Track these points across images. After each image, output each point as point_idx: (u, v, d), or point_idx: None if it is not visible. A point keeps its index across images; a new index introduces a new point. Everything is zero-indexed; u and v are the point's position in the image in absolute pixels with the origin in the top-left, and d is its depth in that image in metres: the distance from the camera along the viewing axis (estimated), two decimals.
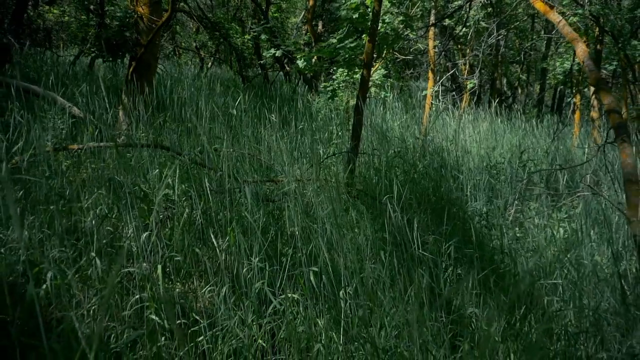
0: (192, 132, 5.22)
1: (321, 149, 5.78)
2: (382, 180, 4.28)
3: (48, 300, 2.23)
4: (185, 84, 7.92)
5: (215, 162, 3.79)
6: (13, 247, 2.69)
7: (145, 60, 6.33)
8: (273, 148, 4.81)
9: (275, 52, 9.24)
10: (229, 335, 2.24)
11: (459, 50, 13.97)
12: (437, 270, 2.81)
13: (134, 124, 5.18)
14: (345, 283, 2.43)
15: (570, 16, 9.42)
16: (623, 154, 2.23)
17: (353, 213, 3.45)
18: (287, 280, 2.54)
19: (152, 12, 6.49)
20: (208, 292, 2.53)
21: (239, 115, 5.83)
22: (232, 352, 2.23)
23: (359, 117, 4.66)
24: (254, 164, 4.53)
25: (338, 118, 7.38)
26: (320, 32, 11.82)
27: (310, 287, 2.44)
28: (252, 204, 3.13)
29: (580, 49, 2.76)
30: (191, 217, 3.14)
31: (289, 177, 3.80)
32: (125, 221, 2.82)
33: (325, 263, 2.44)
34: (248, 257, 2.53)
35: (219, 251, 2.56)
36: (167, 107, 6.54)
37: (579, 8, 9.01)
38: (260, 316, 2.38)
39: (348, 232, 2.91)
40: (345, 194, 4.00)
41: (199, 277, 2.70)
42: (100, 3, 9.48)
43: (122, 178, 3.46)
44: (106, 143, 3.95)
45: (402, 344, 2.18)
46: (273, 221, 3.48)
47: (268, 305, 2.43)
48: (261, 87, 10.05)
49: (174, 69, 11.26)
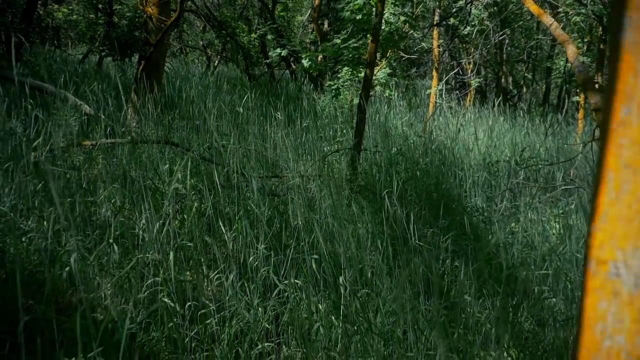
0: (200, 130, 5.39)
1: (326, 147, 5.94)
2: (383, 176, 4.43)
3: (72, 281, 2.40)
4: (193, 82, 8.08)
5: (223, 158, 3.95)
6: (32, 236, 2.87)
7: (154, 59, 6.49)
8: (278, 145, 4.98)
9: (281, 52, 9.39)
10: (236, 318, 2.41)
11: (464, 49, 14.07)
12: (433, 261, 2.96)
13: (143, 122, 5.36)
14: (345, 271, 2.59)
15: (573, 15, 9.54)
16: None
17: (354, 207, 3.60)
18: (291, 268, 2.70)
19: (161, 12, 6.65)
20: (216, 279, 2.70)
21: (245, 113, 5.99)
22: (238, 333, 2.39)
23: (361, 115, 4.82)
24: (260, 160, 4.69)
25: (342, 116, 7.53)
26: (326, 30, 11.93)
27: (312, 275, 2.61)
28: (258, 198, 3.29)
29: (570, 50, 2.90)
30: (200, 209, 3.30)
31: (294, 173, 3.96)
32: (138, 212, 2.99)
33: (326, 252, 2.60)
34: (254, 246, 2.69)
35: (228, 239, 2.72)
36: (176, 105, 6.70)
37: (582, 7, 9.12)
38: (265, 300, 2.55)
39: (349, 225, 3.07)
40: (348, 189, 4.16)
41: (208, 265, 2.86)
42: (109, 2, 9.65)
43: (134, 173, 3.63)
44: (120, 139, 4.12)
45: (398, 328, 2.34)
46: (278, 215, 3.64)
47: (272, 290, 2.60)
48: (267, 85, 10.20)
49: (182, 68, 11.42)
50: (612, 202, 0.41)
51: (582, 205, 4.46)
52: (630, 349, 0.39)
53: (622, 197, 0.40)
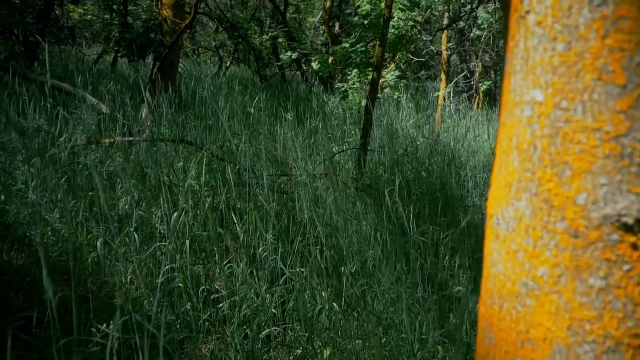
0: (212, 129, 5.60)
1: (334, 147, 6.13)
2: (388, 175, 4.62)
3: (96, 266, 2.60)
4: (206, 83, 8.30)
5: (235, 156, 4.16)
6: (57, 226, 3.08)
7: (169, 60, 6.71)
8: (288, 145, 5.18)
9: (292, 55, 9.58)
10: (245, 303, 2.61)
11: (474, 52, 14.21)
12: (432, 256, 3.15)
13: (157, 121, 5.58)
14: (348, 261, 2.79)
15: None
16: None
17: (359, 204, 3.79)
18: (297, 258, 2.90)
19: (176, 15, 6.87)
20: (228, 267, 2.90)
21: (256, 113, 6.19)
22: (247, 317, 2.59)
23: (368, 116, 5.01)
24: (270, 159, 4.89)
25: (351, 118, 7.72)
26: (337, 32, 12.10)
27: (317, 265, 2.80)
28: (268, 194, 3.50)
29: None
30: (213, 203, 3.51)
31: (301, 171, 4.15)
32: (156, 206, 3.20)
33: (326, 245, 2.79)
34: (263, 237, 2.90)
35: (239, 230, 2.93)
36: (189, 105, 6.92)
37: None
38: (272, 287, 2.75)
39: (352, 219, 3.27)
40: (353, 187, 4.35)
41: (220, 254, 3.06)
42: (123, 3, 9.88)
43: (150, 170, 3.85)
44: (138, 137, 4.33)
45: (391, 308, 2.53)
46: (286, 210, 3.84)
47: (279, 278, 2.80)
48: (278, 86, 10.40)
49: (194, 68, 11.65)
50: (495, 176, 0.60)
51: None
52: (505, 272, 0.57)
53: (500, 174, 0.59)
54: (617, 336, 0.50)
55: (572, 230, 0.52)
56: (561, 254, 0.53)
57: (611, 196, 0.50)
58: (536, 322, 0.54)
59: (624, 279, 0.50)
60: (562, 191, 0.52)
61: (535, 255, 0.54)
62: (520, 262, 0.55)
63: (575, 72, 0.51)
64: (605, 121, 0.50)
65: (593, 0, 0.49)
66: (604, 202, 0.51)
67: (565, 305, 0.52)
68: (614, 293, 0.51)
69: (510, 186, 0.56)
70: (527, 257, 0.55)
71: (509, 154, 0.56)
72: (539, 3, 0.52)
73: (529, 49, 0.54)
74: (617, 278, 0.50)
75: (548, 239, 0.53)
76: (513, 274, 0.56)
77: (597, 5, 0.49)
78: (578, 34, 0.50)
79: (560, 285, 0.53)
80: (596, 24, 0.49)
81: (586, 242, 0.52)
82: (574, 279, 0.52)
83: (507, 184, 0.56)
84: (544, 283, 0.53)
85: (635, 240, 0.50)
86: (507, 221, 0.57)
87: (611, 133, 0.50)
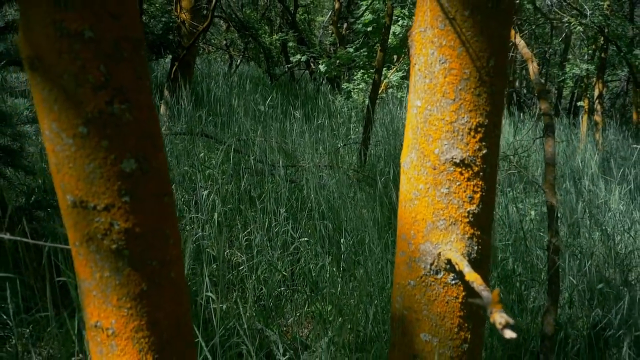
0: (227, 125, 6.18)
1: (339, 143, 6.69)
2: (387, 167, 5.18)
3: None
4: (219, 82, 8.87)
5: (250, 149, 4.73)
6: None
7: (186, 60, 7.30)
8: (296, 140, 5.75)
9: (301, 57, 10.11)
10: (261, 268, 3.18)
11: None
12: None
13: (175, 117, 6.15)
14: (346, 234, 3.36)
15: (576, 26, 10.16)
16: (547, 145, 3.10)
17: (358, 192, 4.36)
18: (304, 232, 3.48)
19: (193, 18, 7.47)
20: (245, 239, 3.48)
21: (267, 110, 6.77)
22: (262, 279, 3.16)
23: (369, 114, 5.57)
24: (280, 152, 5.46)
25: (356, 116, 8.27)
26: (345, 33, 12.51)
27: (320, 237, 3.38)
28: (279, 181, 4.08)
29: (531, 67, 3.62)
30: (233, 187, 4.09)
31: (309, 162, 4.72)
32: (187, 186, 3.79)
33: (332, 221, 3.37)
34: (277, 213, 3.48)
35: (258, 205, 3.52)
36: (204, 103, 7.50)
37: (583, 18, 9.74)
38: (283, 255, 3.33)
39: (351, 201, 3.84)
40: (354, 177, 4.92)
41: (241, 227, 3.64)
42: (139, 3, 10.39)
43: (175, 159, 4.43)
44: (164, 131, 4.92)
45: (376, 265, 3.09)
46: (295, 196, 4.42)
47: (289, 248, 3.38)
48: (287, 85, 10.93)
49: (205, 66, 12.18)
50: (404, 143, 1.18)
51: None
52: (406, 188, 1.15)
53: (405, 141, 1.16)
54: (455, 216, 1.07)
55: (433, 165, 1.09)
56: (429, 177, 1.10)
57: (449, 149, 1.07)
58: (419, 211, 1.11)
59: (457, 187, 1.07)
60: (428, 148, 1.09)
61: (417, 178, 1.11)
62: (412, 182, 1.12)
63: (433, 93, 1.07)
64: (445, 115, 1.06)
65: (440, 61, 1.06)
66: (446, 152, 1.07)
67: (431, 202, 1.09)
68: (453, 195, 1.07)
69: (408, 147, 1.13)
70: (414, 180, 1.12)
71: (408, 131, 1.14)
72: (419, 60, 1.09)
73: (415, 81, 1.11)
74: (454, 188, 1.07)
75: (423, 170, 1.10)
76: (409, 188, 1.13)
77: (441, 63, 1.06)
78: (434, 75, 1.07)
79: (429, 192, 1.10)
80: (442, 71, 1.06)
81: (439, 171, 1.08)
82: (435, 189, 1.09)
83: (407, 146, 1.14)
84: (422, 191, 1.10)
85: (461, 169, 1.07)
86: (407, 163, 1.14)
87: (448, 121, 1.06)
